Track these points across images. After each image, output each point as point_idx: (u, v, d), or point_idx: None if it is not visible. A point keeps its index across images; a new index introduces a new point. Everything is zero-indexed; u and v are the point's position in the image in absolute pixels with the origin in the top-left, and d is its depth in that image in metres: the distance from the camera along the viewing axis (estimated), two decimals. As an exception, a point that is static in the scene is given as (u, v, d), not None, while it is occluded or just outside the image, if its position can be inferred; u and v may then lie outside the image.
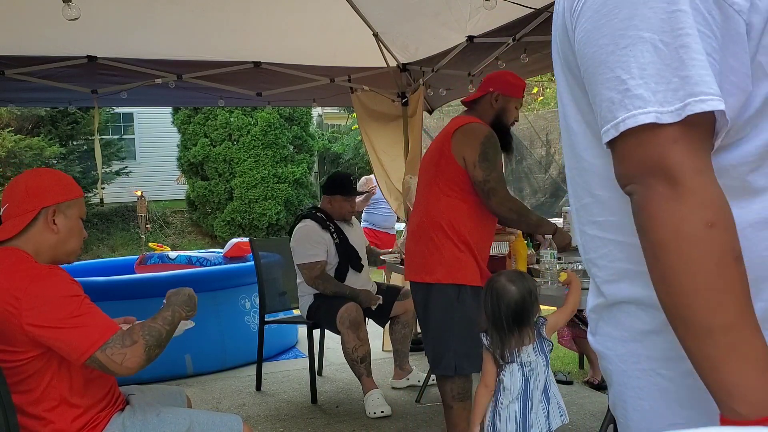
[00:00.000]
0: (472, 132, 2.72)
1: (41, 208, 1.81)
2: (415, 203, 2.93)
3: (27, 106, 10.14)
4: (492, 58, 4.02)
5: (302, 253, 3.85)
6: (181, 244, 12.69)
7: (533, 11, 3.47)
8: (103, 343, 1.66)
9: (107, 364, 1.66)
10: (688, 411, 0.86)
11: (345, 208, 3.98)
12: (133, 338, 1.70)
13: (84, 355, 1.65)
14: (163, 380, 4.27)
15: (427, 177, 2.82)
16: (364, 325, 3.73)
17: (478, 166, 2.65)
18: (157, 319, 1.79)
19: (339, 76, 4.80)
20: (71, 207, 1.87)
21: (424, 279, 2.75)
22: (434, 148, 2.83)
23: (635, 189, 0.79)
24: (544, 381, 2.13)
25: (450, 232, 2.69)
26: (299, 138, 13.11)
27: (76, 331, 1.65)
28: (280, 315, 4.50)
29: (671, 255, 0.75)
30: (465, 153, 2.68)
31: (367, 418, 3.58)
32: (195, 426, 1.88)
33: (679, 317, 0.76)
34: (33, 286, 1.67)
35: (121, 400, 1.94)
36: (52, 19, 3.22)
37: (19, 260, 1.75)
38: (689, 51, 0.76)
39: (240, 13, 3.93)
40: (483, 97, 2.84)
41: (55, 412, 1.73)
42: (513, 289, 2.09)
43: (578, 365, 4.41)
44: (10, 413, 1.64)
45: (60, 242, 1.85)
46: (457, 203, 2.71)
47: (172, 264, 5.96)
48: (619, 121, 0.78)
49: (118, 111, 14.19)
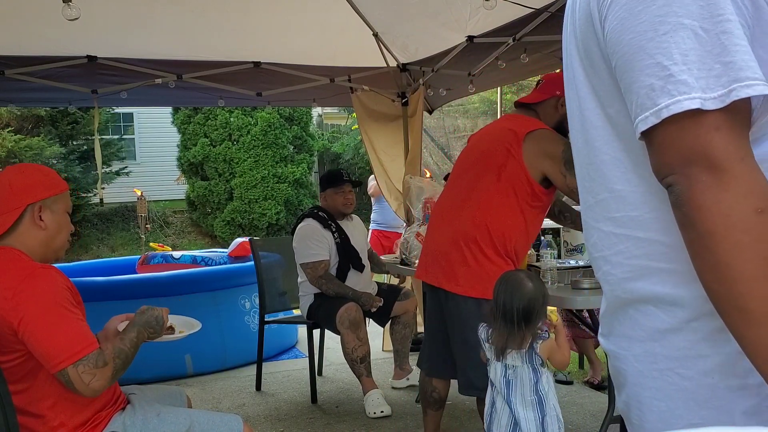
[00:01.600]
0: (543, 141, 2.49)
1: (27, 205, 1.79)
2: (455, 196, 2.63)
3: (27, 106, 10.13)
4: (492, 58, 4.02)
5: (304, 253, 3.85)
6: (181, 244, 12.69)
7: (533, 11, 3.47)
8: (79, 359, 1.64)
9: (74, 381, 1.64)
10: (707, 411, 0.85)
11: (338, 200, 3.97)
12: (106, 360, 1.68)
13: (58, 366, 1.63)
14: (163, 380, 4.27)
15: (485, 177, 2.54)
16: (363, 325, 3.73)
17: (569, 176, 2.37)
18: (125, 340, 1.77)
19: (339, 76, 4.80)
20: (57, 202, 1.85)
21: (467, 292, 2.48)
22: (493, 146, 2.56)
23: (676, 180, 0.77)
24: (532, 391, 2.12)
25: (498, 245, 2.47)
26: (299, 138, 13.11)
27: (56, 339, 1.63)
28: (280, 315, 4.50)
29: (722, 244, 0.73)
30: (544, 165, 2.46)
31: (367, 418, 3.58)
32: (195, 426, 1.88)
33: (734, 306, 0.74)
34: (24, 285, 1.66)
35: (122, 399, 1.94)
36: (52, 19, 3.21)
37: (12, 259, 1.74)
38: (731, 37, 0.74)
39: (240, 13, 3.93)
40: (546, 100, 2.63)
41: (55, 409, 1.73)
42: (530, 285, 2.11)
43: (578, 365, 4.41)
44: (9, 413, 1.64)
45: (49, 238, 1.83)
46: (517, 216, 2.49)
47: (177, 264, 5.97)
48: (661, 107, 0.76)
49: (118, 111, 14.19)
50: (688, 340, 0.82)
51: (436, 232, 2.66)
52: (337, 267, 3.90)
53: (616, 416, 2.81)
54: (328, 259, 3.85)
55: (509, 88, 13.73)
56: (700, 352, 0.78)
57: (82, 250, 12.23)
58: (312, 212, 4.01)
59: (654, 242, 0.84)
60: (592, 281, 2.74)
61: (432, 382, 2.80)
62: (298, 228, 3.96)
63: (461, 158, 2.76)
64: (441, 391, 2.80)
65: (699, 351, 0.78)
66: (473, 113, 12.22)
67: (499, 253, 2.48)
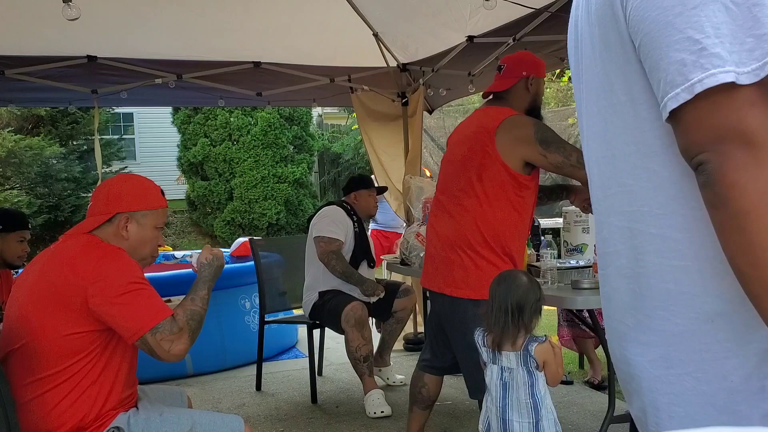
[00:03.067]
0: (514, 127, 2.48)
1: (116, 213, 1.89)
2: (446, 204, 2.63)
3: (27, 106, 10.14)
4: (492, 58, 4.02)
5: (324, 228, 3.87)
6: (181, 244, 12.69)
7: (533, 11, 3.47)
8: (154, 326, 1.73)
9: (155, 347, 1.74)
10: (726, 416, 0.82)
11: (371, 202, 4.07)
12: (179, 325, 1.77)
13: (137, 334, 1.72)
14: (163, 380, 4.27)
15: (465, 178, 2.54)
16: (368, 324, 3.74)
17: (549, 153, 2.42)
18: (197, 300, 1.87)
19: (339, 76, 4.80)
20: (147, 216, 1.93)
21: (470, 296, 2.47)
22: (470, 151, 2.55)
23: (708, 157, 0.73)
24: (528, 394, 2.12)
25: (494, 244, 2.47)
26: (299, 138, 13.11)
27: (130, 308, 1.73)
28: (280, 315, 4.50)
29: (757, 223, 0.70)
30: (521, 151, 2.45)
31: (367, 418, 3.58)
32: (197, 426, 1.88)
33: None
34: (100, 263, 1.75)
35: (133, 401, 1.95)
36: (52, 19, 3.22)
37: (89, 242, 1.84)
38: (763, 8, 0.72)
39: (240, 13, 3.93)
40: (515, 85, 2.61)
41: (74, 406, 1.75)
42: (524, 279, 2.16)
43: (578, 365, 4.41)
44: (10, 410, 1.64)
45: (131, 248, 1.90)
46: (506, 210, 2.49)
47: (177, 264, 5.97)
48: (694, 82, 0.73)
49: (118, 111, 14.19)
50: (703, 343, 0.80)
51: (434, 239, 2.67)
52: (352, 255, 3.92)
53: (616, 416, 2.81)
54: (343, 242, 3.88)
55: (509, 88, 13.74)
56: (717, 354, 0.75)
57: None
58: (339, 201, 4.08)
59: (667, 239, 0.82)
60: (592, 281, 2.74)
61: (423, 377, 2.80)
62: (323, 209, 4.02)
63: (445, 166, 2.75)
64: (430, 389, 2.79)
65: (716, 353, 0.75)
66: (473, 113, 12.22)
67: (495, 252, 2.48)
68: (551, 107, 12.60)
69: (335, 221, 3.89)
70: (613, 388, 2.84)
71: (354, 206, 4.04)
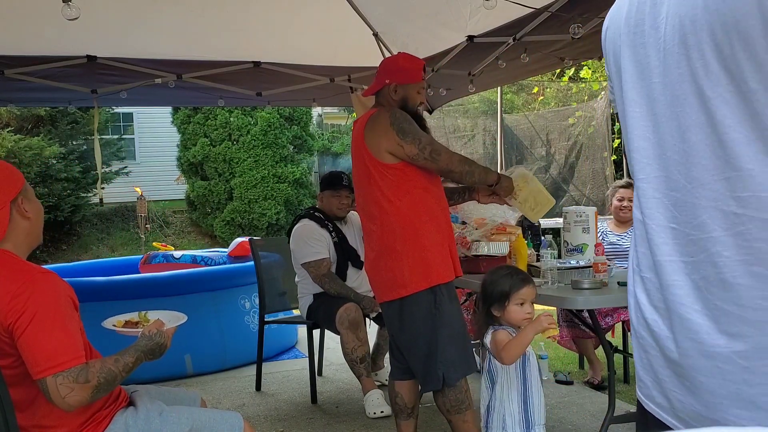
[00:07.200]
0: (374, 122, 2.59)
1: (9, 203, 1.78)
2: (363, 223, 2.75)
3: (27, 106, 10.14)
4: (492, 57, 4.02)
5: (306, 252, 3.86)
6: (181, 244, 12.68)
7: (533, 11, 3.47)
8: (61, 371, 1.61)
9: (51, 391, 1.61)
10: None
11: (333, 203, 3.99)
12: (88, 377, 1.65)
13: (40, 374, 1.62)
14: (163, 380, 4.27)
15: (366, 190, 2.66)
16: (363, 325, 3.73)
17: (405, 144, 2.52)
18: (120, 363, 1.74)
19: (339, 76, 4.80)
20: (27, 188, 1.85)
21: (399, 294, 2.57)
22: (355, 159, 2.69)
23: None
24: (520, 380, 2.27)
25: (410, 233, 2.55)
26: (299, 138, 13.11)
27: (43, 347, 1.62)
28: (280, 315, 4.50)
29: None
30: (382, 144, 2.54)
31: (366, 418, 3.58)
32: (197, 424, 1.88)
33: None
34: (23, 290, 1.65)
35: (123, 397, 1.94)
36: (52, 19, 3.21)
37: (5, 263, 1.72)
38: None
39: (240, 13, 3.93)
40: (381, 90, 2.71)
41: (56, 409, 1.73)
42: (502, 271, 2.29)
43: (578, 365, 4.41)
44: (9, 413, 1.64)
45: (33, 225, 1.84)
46: (405, 201, 2.56)
47: (177, 263, 5.97)
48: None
49: (118, 111, 14.19)
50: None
51: (367, 258, 2.76)
52: (336, 265, 3.91)
53: (616, 416, 2.81)
54: (329, 257, 3.87)
55: (509, 87, 13.74)
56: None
57: (82, 250, 12.23)
58: (308, 213, 4.03)
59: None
60: (592, 281, 2.74)
61: (395, 386, 2.82)
62: (295, 229, 3.96)
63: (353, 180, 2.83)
64: (405, 397, 2.80)
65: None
66: (473, 113, 12.22)
67: (420, 243, 2.56)
68: (551, 107, 12.60)
69: (312, 239, 3.86)
70: (613, 389, 2.84)
71: (323, 208, 4.03)
